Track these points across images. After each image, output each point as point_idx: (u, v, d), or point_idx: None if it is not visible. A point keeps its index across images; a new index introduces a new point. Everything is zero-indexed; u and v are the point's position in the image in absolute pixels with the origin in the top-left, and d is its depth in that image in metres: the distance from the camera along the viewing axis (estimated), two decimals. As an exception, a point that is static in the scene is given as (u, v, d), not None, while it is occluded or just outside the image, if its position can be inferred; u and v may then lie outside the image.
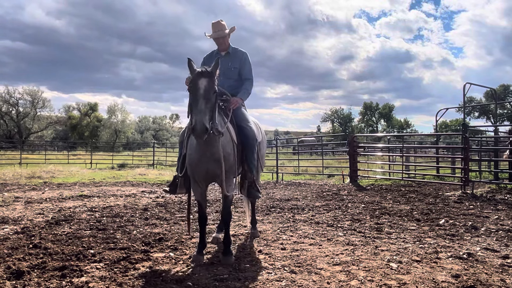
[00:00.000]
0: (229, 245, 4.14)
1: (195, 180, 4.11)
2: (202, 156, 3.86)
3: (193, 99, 3.53)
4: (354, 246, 4.63)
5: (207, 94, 3.51)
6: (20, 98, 52.36)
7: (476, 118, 69.32)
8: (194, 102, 3.49)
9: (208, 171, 3.94)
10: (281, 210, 7.28)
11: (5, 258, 4.05)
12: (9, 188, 10.86)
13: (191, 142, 3.98)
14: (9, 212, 7.01)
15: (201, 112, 3.39)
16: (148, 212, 7.05)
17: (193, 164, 3.96)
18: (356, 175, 12.48)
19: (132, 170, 19.59)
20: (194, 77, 3.58)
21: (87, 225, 5.87)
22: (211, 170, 3.92)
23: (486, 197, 8.66)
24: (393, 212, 6.96)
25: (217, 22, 4.62)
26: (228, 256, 4.06)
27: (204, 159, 3.87)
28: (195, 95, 3.51)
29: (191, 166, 3.99)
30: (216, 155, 3.83)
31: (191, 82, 3.59)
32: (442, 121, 54.82)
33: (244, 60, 4.72)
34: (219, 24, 4.61)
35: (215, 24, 4.62)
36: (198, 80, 3.55)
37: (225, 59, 4.67)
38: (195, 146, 3.90)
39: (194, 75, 3.59)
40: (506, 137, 13.85)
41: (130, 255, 4.25)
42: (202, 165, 3.91)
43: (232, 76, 4.73)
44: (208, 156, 3.84)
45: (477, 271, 3.70)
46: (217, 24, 4.61)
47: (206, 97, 3.50)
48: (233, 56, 4.72)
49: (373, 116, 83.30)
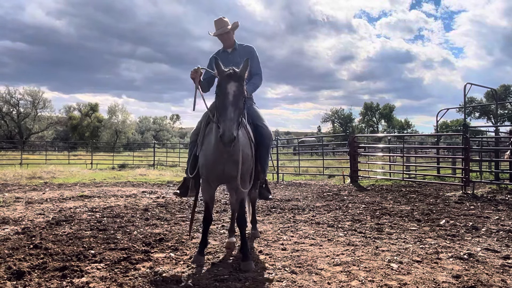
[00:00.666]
0: (247, 251, 4.01)
1: (208, 180, 3.98)
2: (220, 157, 3.71)
3: (220, 104, 3.36)
4: (354, 247, 4.62)
5: (236, 100, 3.36)
6: (20, 98, 52.44)
7: (477, 118, 69.32)
8: (222, 108, 3.32)
9: (225, 172, 3.80)
10: (282, 211, 7.28)
11: (6, 259, 4.05)
12: (9, 189, 10.87)
13: (208, 142, 3.86)
14: (9, 212, 7.02)
15: (230, 120, 3.23)
16: (149, 212, 7.05)
17: (209, 165, 3.82)
18: (356, 176, 12.48)
19: (132, 170, 19.60)
20: (223, 80, 3.42)
21: (87, 225, 5.87)
22: (227, 171, 3.78)
23: (486, 198, 8.66)
24: (393, 212, 6.96)
25: (219, 19, 4.54)
26: (248, 261, 3.89)
27: (222, 160, 3.72)
28: (223, 101, 3.34)
29: (207, 167, 3.85)
30: (235, 156, 3.69)
31: (219, 86, 3.44)
32: (442, 121, 54.72)
33: (252, 54, 4.54)
34: (222, 21, 4.53)
35: (217, 22, 4.54)
36: (228, 84, 3.39)
37: (232, 55, 4.55)
38: (212, 146, 3.75)
39: (223, 78, 3.43)
40: (507, 137, 13.83)
41: (130, 255, 4.25)
42: (219, 166, 3.77)
43: None
44: (226, 157, 3.69)
45: (478, 271, 3.69)
46: (220, 21, 4.53)
47: (235, 104, 3.34)
48: (240, 51, 4.58)
49: (373, 116, 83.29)
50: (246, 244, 4.03)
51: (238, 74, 3.46)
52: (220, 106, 3.39)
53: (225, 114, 3.28)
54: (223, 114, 3.31)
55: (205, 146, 3.89)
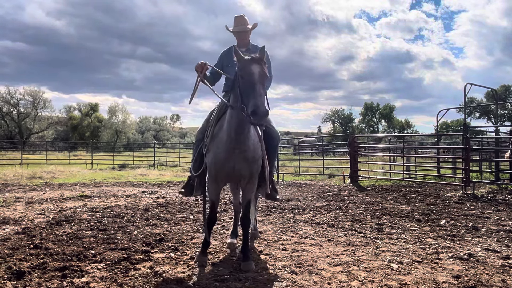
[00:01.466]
0: (249, 251, 4.01)
1: (216, 179, 3.93)
2: (231, 154, 3.71)
3: (247, 84, 3.37)
4: (354, 247, 4.62)
5: (262, 79, 3.42)
6: (21, 98, 52.47)
7: (477, 118, 69.31)
8: (250, 87, 3.33)
9: (235, 171, 3.79)
10: (282, 211, 7.28)
11: (6, 259, 4.06)
12: (10, 189, 10.87)
13: (219, 139, 3.83)
14: (10, 212, 7.02)
15: (261, 96, 3.27)
16: (149, 212, 7.05)
17: (220, 162, 3.78)
18: (356, 176, 12.48)
19: (132, 170, 19.61)
20: (247, 63, 3.47)
21: (87, 225, 5.87)
22: (237, 169, 3.78)
23: (487, 198, 8.65)
24: (393, 212, 6.96)
25: (241, 16, 4.53)
26: (248, 261, 3.89)
27: (233, 157, 3.72)
28: (249, 80, 3.37)
29: (216, 164, 3.81)
30: (246, 154, 3.72)
31: (243, 69, 3.47)
32: (443, 121, 54.59)
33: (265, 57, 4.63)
34: (243, 18, 4.52)
35: (238, 18, 4.52)
36: (251, 65, 3.45)
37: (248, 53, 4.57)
38: (224, 143, 3.74)
39: (246, 62, 3.49)
40: (507, 137, 13.85)
41: (130, 255, 4.25)
42: (230, 164, 3.75)
43: None
44: (237, 154, 3.71)
45: (478, 271, 3.69)
46: (241, 19, 4.51)
47: (262, 82, 3.40)
48: (253, 51, 4.42)
49: (373, 116, 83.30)
50: (248, 245, 4.04)
51: (260, 58, 3.52)
52: (246, 86, 3.37)
53: (254, 92, 3.28)
54: (251, 92, 3.29)
55: (215, 144, 3.86)
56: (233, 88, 3.70)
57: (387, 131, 78.25)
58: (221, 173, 3.85)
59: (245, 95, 3.36)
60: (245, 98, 3.34)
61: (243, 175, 3.85)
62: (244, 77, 3.42)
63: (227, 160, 3.75)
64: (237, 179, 3.99)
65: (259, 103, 3.19)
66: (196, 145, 4.35)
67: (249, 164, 3.78)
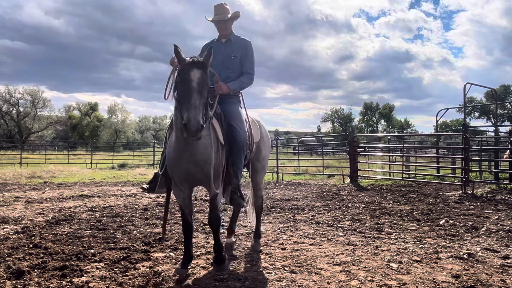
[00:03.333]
0: (220, 252, 3.78)
1: (175, 182, 3.66)
2: (181, 156, 3.44)
3: (183, 92, 3.12)
4: (354, 246, 4.63)
5: (201, 88, 3.12)
6: (20, 98, 52.38)
7: (477, 118, 69.34)
8: (185, 96, 3.08)
9: (189, 174, 3.52)
10: (281, 210, 7.28)
11: (6, 258, 4.05)
12: (9, 188, 10.87)
13: (170, 140, 3.57)
14: (9, 211, 7.02)
15: (195, 108, 3.01)
16: (148, 212, 7.05)
17: (172, 165, 3.54)
18: (356, 175, 12.48)
19: (132, 170, 19.59)
20: (185, 68, 3.17)
21: (87, 225, 5.87)
22: (192, 172, 3.50)
23: (486, 197, 8.66)
24: (393, 212, 6.96)
25: (220, 4, 4.15)
26: (220, 264, 3.74)
27: (183, 160, 3.45)
28: (186, 88, 3.10)
29: (170, 167, 3.58)
30: (196, 157, 3.42)
31: (181, 73, 3.17)
32: (442, 121, 54.74)
33: (247, 49, 4.16)
34: (222, 7, 4.14)
35: (217, 7, 4.15)
36: (190, 71, 3.14)
37: (225, 46, 4.15)
38: (173, 145, 3.48)
39: (185, 65, 3.18)
40: (507, 137, 13.86)
41: (130, 255, 4.25)
42: (182, 166, 3.48)
43: (232, 67, 4.12)
44: (188, 157, 3.42)
45: (477, 271, 3.70)
46: (220, 7, 4.14)
47: (199, 91, 3.10)
48: (234, 43, 4.18)
49: (373, 116, 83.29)
50: (220, 246, 3.78)
51: (201, 62, 3.22)
52: (182, 94, 3.12)
53: (188, 102, 3.04)
54: (186, 102, 3.05)
55: (169, 144, 3.59)
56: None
57: (387, 130, 78.26)
58: (177, 176, 3.59)
59: (181, 104, 3.12)
60: (181, 107, 3.11)
61: (199, 178, 3.58)
62: (181, 83, 3.15)
63: (179, 162, 3.48)
64: (195, 182, 3.72)
65: (192, 116, 2.96)
66: (164, 143, 3.99)
67: (201, 167, 3.46)
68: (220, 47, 4.14)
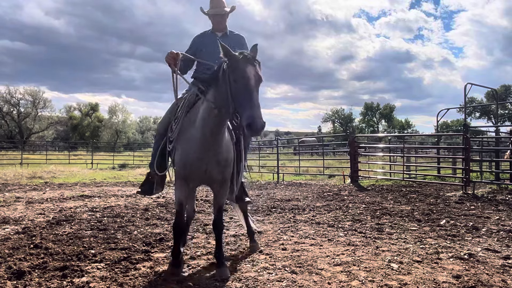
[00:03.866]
0: (222, 256, 3.76)
1: (185, 180, 3.56)
2: (204, 155, 3.37)
3: (242, 90, 2.97)
4: (355, 247, 4.62)
5: (257, 85, 3.04)
6: (21, 98, 52.48)
7: (477, 118, 69.30)
8: (245, 94, 2.94)
9: (207, 173, 3.46)
10: (282, 211, 7.28)
11: (6, 258, 4.06)
12: (10, 188, 10.88)
13: (189, 136, 3.46)
14: (10, 212, 7.02)
15: (258, 107, 2.91)
16: (149, 212, 7.05)
17: (190, 163, 3.42)
18: (357, 176, 12.48)
19: (133, 170, 19.60)
20: (241, 64, 3.04)
21: (88, 225, 5.87)
22: (209, 171, 3.46)
23: (487, 198, 8.65)
24: (394, 212, 6.96)
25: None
26: (222, 268, 3.67)
27: (205, 159, 3.38)
28: (246, 86, 2.97)
29: (186, 165, 3.45)
30: (219, 156, 3.42)
31: (236, 70, 3.03)
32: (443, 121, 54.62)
33: (243, 44, 4.11)
34: (219, 0, 4.11)
35: (214, 0, 4.11)
36: (246, 68, 3.03)
37: (222, 40, 3.86)
38: (196, 142, 3.38)
39: (241, 62, 3.05)
40: (507, 137, 13.84)
41: (131, 255, 4.25)
42: (202, 165, 3.41)
43: None
44: (210, 156, 3.39)
45: (478, 271, 3.69)
46: (217, 0, 4.10)
47: (258, 88, 3.04)
48: (231, 38, 4.12)
49: (374, 116, 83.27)
50: (221, 249, 3.77)
51: (254, 57, 3.14)
52: (240, 92, 2.97)
53: (251, 100, 2.91)
54: (246, 100, 2.92)
55: (185, 141, 3.47)
56: (218, 85, 3.24)
57: (387, 131, 78.20)
58: (192, 175, 3.50)
59: (238, 102, 2.98)
60: (238, 106, 2.97)
61: (215, 179, 3.54)
62: (238, 81, 3.01)
63: (199, 161, 3.41)
64: (207, 182, 3.64)
65: (256, 115, 2.85)
66: (157, 139, 3.89)
67: (221, 168, 3.48)
68: (215, 40, 3.93)
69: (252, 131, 2.85)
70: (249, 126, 2.84)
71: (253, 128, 2.83)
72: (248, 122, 2.84)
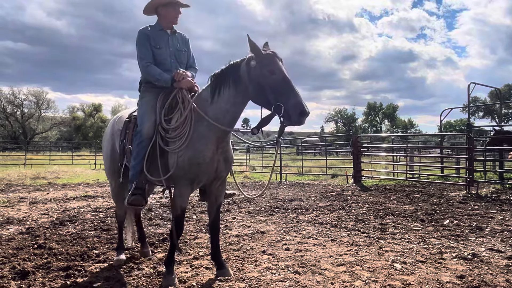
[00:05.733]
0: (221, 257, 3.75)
1: (193, 182, 3.40)
2: (215, 154, 3.37)
3: (280, 82, 3.06)
4: (358, 247, 4.61)
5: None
6: (24, 99, 52.82)
7: (481, 118, 69.00)
8: (285, 86, 3.05)
9: (217, 171, 3.45)
10: (285, 211, 7.27)
11: (10, 258, 4.08)
12: (14, 189, 10.93)
13: (198, 135, 3.33)
14: (14, 212, 7.06)
15: (300, 95, 3.03)
16: (152, 212, 7.06)
17: (206, 163, 3.32)
18: (360, 176, 12.45)
19: (136, 170, 19.61)
20: (272, 58, 3.15)
21: (91, 225, 5.89)
22: (219, 170, 3.46)
23: (491, 198, 8.61)
24: (397, 212, 6.94)
25: None
26: (224, 269, 3.65)
27: (215, 158, 3.38)
28: (284, 78, 3.07)
29: (201, 165, 3.30)
30: (227, 153, 3.49)
31: (271, 64, 3.11)
32: (446, 121, 54.47)
33: (189, 46, 4.00)
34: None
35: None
36: (278, 61, 3.17)
37: (172, 39, 3.84)
38: (208, 141, 3.32)
39: (271, 56, 3.16)
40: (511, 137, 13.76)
41: (134, 255, 4.26)
42: (214, 164, 3.38)
43: (183, 60, 3.90)
44: (219, 153, 3.41)
45: (482, 271, 3.68)
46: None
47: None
48: (179, 37, 3.92)
49: (377, 116, 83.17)
50: (219, 250, 3.76)
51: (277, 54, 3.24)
52: (280, 85, 3.06)
53: (292, 90, 3.03)
54: (288, 91, 3.03)
55: (195, 140, 3.33)
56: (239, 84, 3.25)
57: (390, 130, 78.04)
58: (202, 175, 3.38)
59: (279, 93, 3.05)
60: (280, 96, 3.03)
61: (221, 176, 3.54)
62: (276, 73, 3.09)
63: (212, 160, 3.37)
64: (212, 181, 3.56)
65: (302, 103, 2.98)
66: (144, 146, 3.47)
67: (228, 165, 3.53)
68: (166, 37, 3.79)
69: (303, 116, 2.96)
70: (302, 113, 2.95)
71: (304, 114, 2.95)
72: (301, 109, 2.95)
